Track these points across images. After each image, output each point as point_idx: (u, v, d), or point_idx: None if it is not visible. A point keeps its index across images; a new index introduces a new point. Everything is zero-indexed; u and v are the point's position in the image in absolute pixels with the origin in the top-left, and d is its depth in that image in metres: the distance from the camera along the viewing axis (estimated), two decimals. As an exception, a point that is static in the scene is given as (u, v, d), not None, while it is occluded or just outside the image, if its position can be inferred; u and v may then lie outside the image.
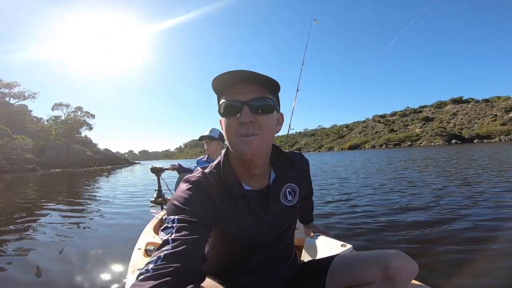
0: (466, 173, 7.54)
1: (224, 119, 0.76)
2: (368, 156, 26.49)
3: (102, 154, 51.56)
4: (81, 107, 56.60)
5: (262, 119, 0.73)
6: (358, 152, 67.67)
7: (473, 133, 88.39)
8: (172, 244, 0.60)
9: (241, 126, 0.72)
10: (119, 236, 3.53)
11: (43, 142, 39.66)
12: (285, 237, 0.91)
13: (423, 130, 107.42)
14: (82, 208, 6.01)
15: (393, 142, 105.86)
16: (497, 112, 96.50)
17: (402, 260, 0.82)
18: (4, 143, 31.68)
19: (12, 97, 51.22)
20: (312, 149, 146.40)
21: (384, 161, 16.96)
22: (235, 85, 0.74)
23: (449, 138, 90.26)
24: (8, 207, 6.37)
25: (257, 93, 0.73)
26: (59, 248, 3.07)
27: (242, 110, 0.72)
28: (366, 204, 4.42)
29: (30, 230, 4.05)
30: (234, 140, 0.74)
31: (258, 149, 0.74)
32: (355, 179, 8.29)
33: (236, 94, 0.73)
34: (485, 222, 3.11)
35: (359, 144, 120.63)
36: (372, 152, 45.99)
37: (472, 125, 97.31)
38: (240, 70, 0.70)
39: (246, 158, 0.76)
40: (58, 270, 2.45)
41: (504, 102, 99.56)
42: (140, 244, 1.73)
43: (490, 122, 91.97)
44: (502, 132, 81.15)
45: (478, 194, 4.63)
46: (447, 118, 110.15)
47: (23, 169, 29.20)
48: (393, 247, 2.18)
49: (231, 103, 0.73)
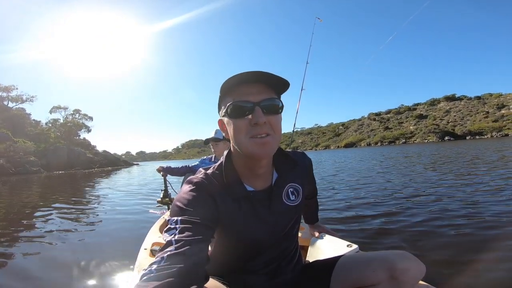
0: (475, 172, 7.10)
1: (232, 120, 0.75)
2: (367, 154, 26.34)
3: (102, 156, 52.25)
4: (79, 110, 57.29)
5: (272, 120, 0.74)
6: (354, 150, 68.15)
7: (465, 130, 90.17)
8: (175, 245, 0.61)
9: (254, 127, 0.72)
10: (125, 236, 3.54)
11: (43, 145, 40.32)
12: (289, 237, 0.92)
13: (417, 128, 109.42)
14: (89, 207, 6.16)
15: (388, 140, 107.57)
16: (489, 109, 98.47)
17: (409, 261, 0.81)
18: (7, 146, 32.35)
19: (10, 100, 51.84)
20: (308, 148, 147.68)
21: (386, 159, 16.54)
22: (243, 85, 0.73)
23: (442, 135, 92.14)
24: (17, 207, 6.61)
25: (267, 94, 0.74)
26: (66, 247, 3.16)
27: (254, 111, 0.72)
28: (374, 204, 4.32)
29: (37, 229, 4.16)
30: (245, 141, 0.73)
31: (271, 150, 0.75)
32: (360, 178, 8.09)
33: (245, 94, 0.73)
34: (492, 220, 3.04)
35: (354, 142, 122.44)
36: (368, 150, 45.93)
37: (465, 122, 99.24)
38: (251, 71, 0.70)
39: (258, 159, 0.77)
40: (65, 269, 2.48)
41: (496, 99, 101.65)
42: (146, 244, 1.76)
43: (482, 119, 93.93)
44: (494, 128, 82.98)
45: (487, 192, 4.51)
46: (440, 116, 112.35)
47: (28, 171, 29.99)
48: (400, 248, 2.29)
49: (242, 104, 0.72)
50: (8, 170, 28.21)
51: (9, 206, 7.10)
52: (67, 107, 56.25)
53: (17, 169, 29.28)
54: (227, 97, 0.76)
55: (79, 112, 57.10)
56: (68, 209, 6.02)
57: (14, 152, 32.51)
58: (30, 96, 52.88)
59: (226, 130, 0.80)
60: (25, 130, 44.18)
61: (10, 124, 40.60)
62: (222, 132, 0.83)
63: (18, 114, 49.00)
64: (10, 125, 39.94)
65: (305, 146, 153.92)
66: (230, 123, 0.75)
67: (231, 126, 0.76)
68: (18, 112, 50.45)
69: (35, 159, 33.74)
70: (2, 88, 50.45)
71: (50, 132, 47.84)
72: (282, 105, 0.78)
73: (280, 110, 0.77)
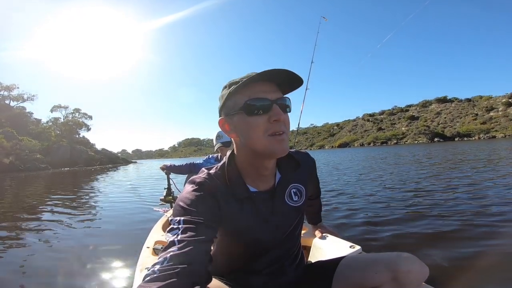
0: (477, 173, 7.16)
1: (248, 117, 0.73)
2: (366, 154, 26.55)
3: (102, 154, 54.21)
4: (79, 109, 58.69)
5: (286, 119, 0.75)
6: (347, 150, 69.37)
7: (454, 132, 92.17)
8: (178, 245, 0.61)
9: (273, 124, 0.72)
10: (128, 234, 3.55)
11: (46, 143, 42.04)
12: (292, 237, 0.91)
13: (408, 129, 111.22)
14: (92, 204, 6.26)
15: (380, 140, 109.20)
16: (478, 111, 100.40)
17: (412, 263, 0.81)
18: (14, 145, 34.09)
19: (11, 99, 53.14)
20: (303, 147, 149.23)
21: (387, 158, 16.86)
22: (257, 84, 0.73)
23: (432, 136, 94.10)
24: (18, 203, 6.85)
25: (280, 93, 0.75)
26: (67, 244, 3.15)
27: (272, 108, 0.72)
28: (376, 205, 4.32)
29: (39, 226, 4.20)
30: (263, 139, 0.72)
31: (287, 148, 0.75)
32: (362, 178, 8.17)
33: (261, 92, 0.72)
34: (496, 222, 3.05)
35: (348, 142, 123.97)
36: (362, 150, 46.57)
37: (454, 123, 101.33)
38: (271, 69, 0.70)
39: (274, 157, 0.78)
40: (66, 266, 2.47)
41: (486, 102, 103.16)
42: (149, 242, 1.76)
43: (471, 121, 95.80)
44: (481, 130, 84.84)
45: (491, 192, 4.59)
46: (431, 117, 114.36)
47: (37, 168, 32.03)
48: (403, 250, 2.34)
49: (260, 102, 0.71)
50: (17, 167, 30.21)
51: (14, 201, 7.43)
52: (68, 106, 57.83)
53: (26, 166, 31.31)
54: (237, 95, 0.74)
55: (79, 111, 58.63)
56: (73, 207, 6.03)
57: (21, 150, 34.31)
58: (31, 95, 54.23)
59: (228, 130, 0.80)
60: (28, 128, 45.75)
61: (13, 123, 42.14)
62: (225, 132, 0.81)
63: (21, 113, 50.46)
64: (13, 124, 41.49)
65: (300, 146, 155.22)
66: (245, 121, 0.74)
67: (245, 124, 0.74)
68: (21, 111, 51.88)
69: (42, 157, 35.66)
70: (4, 87, 51.80)
71: (51, 131, 49.41)
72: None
73: (290, 109, 0.78)
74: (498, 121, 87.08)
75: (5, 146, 32.12)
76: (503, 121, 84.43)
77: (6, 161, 30.25)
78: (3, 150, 31.52)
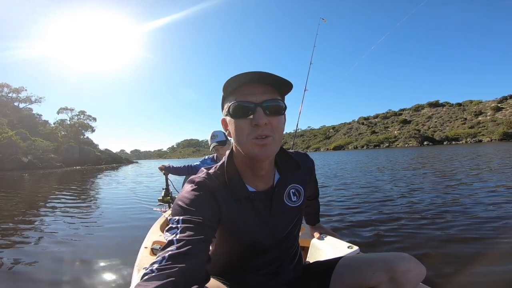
0: (477, 176, 7.27)
1: (234, 120, 0.74)
2: (365, 156, 27.14)
3: (106, 154, 57.61)
4: (84, 111, 61.84)
5: (274, 121, 0.73)
6: (342, 152, 71.15)
7: (443, 136, 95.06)
8: (176, 244, 0.60)
9: (255, 128, 0.71)
10: (126, 234, 3.54)
11: (56, 144, 45.31)
12: (290, 238, 0.91)
13: (400, 132, 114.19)
14: (92, 203, 6.36)
15: (373, 144, 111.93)
16: (468, 115, 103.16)
17: (409, 263, 0.81)
18: (29, 145, 37.33)
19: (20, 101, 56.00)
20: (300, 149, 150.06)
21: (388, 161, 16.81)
22: (246, 85, 0.73)
23: (422, 140, 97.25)
24: (32, 199, 7.18)
25: (269, 95, 0.73)
26: (67, 243, 3.17)
27: (255, 111, 0.71)
28: (373, 207, 4.35)
29: (40, 224, 4.24)
30: (247, 142, 0.73)
31: (272, 152, 0.74)
32: (359, 179, 8.30)
33: (248, 95, 0.72)
34: (495, 222, 3.09)
35: (343, 145, 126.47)
36: (354, 153, 47.23)
37: (444, 127, 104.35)
38: (255, 71, 0.69)
39: (258, 161, 0.76)
40: (64, 266, 2.48)
41: (475, 106, 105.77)
42: (147, 242, 1.77)
43: (460, 125, 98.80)
44: (469, 134, 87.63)
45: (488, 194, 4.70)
46: (422, 121, 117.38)
47: (53, 166, 35.61)
48: (400, 250, 2.39)
49: (244, 104, 0.72)
50: (36, 165, 33.69)
51: (26, 198, 7.78)
52: (73, 108, 60.94)
53: (43, 164, 34.77)
54: (230, 96, 0.75)
55: (84, 113, 61.68)
56: (75, 206, 6.06)
57: (36, 149, 37.59)
58: (38, 97, 57.12)
59: (226, 130, 0.81)
60: (37, 130, 48.80)
61: (25, 125, 45.24)
62: (225, 131, 0.82)
63: (30, 114, 53.48)
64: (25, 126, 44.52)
65: (296, 148, 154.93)
66: (232, 123, 0.75)
67: (233, 126, 0.75)
68: (29, 112, 54.80)
69: (55, 156, 39.03)
70: (13, 89, 54.62)
71: (57, 131, 52.40)
72: (285, 107, 0.77)
73: (283, 111, 0.76)
74: (485, 125, 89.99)
75: (22, 146, 35.39)
76: (490, 126, 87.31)
77: (25, 160, 33.54)
78: (20, 150, 34.79)
